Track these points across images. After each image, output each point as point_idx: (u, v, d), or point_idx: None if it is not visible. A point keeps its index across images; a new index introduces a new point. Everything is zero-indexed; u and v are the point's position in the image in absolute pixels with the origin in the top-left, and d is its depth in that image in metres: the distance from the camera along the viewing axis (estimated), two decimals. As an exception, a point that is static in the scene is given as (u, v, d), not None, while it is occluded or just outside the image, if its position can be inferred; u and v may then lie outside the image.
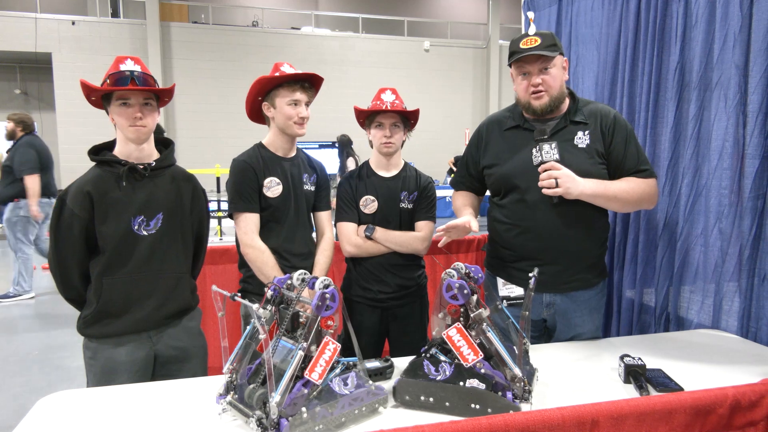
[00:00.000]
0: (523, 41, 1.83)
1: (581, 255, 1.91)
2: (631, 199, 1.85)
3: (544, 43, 1.80)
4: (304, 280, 1.43)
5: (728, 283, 1.94)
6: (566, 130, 1.89)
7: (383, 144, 2.19)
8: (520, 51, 1.83)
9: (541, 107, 1.86)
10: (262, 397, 1.24)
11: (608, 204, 1.86)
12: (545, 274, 1.86)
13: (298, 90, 2.06)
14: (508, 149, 1.95)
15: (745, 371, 1.59)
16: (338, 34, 14.74)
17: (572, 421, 1.14)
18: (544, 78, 1.83)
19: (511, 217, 1.93)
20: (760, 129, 1.80)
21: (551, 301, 1.95)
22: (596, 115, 1.90)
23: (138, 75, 1.71)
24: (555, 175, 1.77)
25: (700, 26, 2.02)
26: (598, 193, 1.81)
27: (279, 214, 2.12)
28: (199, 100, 13.24)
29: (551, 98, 1.85)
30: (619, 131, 1.87)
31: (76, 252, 1.75)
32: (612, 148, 1.87)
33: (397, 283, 2.23)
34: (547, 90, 1.84)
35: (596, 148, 1.87)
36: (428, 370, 1.41)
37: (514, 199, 1.92)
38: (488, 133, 2.03)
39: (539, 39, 1.81)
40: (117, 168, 1.75)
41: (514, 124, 1.96)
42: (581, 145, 1.87)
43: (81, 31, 12.58)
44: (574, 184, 1.77)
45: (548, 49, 1.80)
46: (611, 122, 1.88)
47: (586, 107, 1.93)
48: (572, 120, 1.89)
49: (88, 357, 1.79)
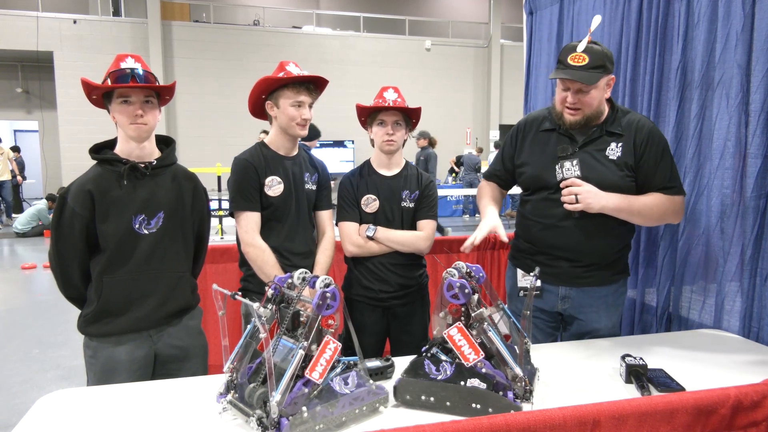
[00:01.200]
0: (572, 56, 1.79)
1: (599, 254, 1.93)
2: (653, 216, 1.87)
3: (591, 63, 1.76)
4: (305, 279, 1.43)
5: (730, 283, 1.93)
6: (600, 140, 1.89)
7: (385, 142, 2.19)
8: (565, 66, 1.80)
9: (571, 124, 1.88)
10: (262, 396, 1.24)
11: (631, 218, 1.88)
12: (561, 267, 1.93)
13: (302, 92, 2.05)
14: (540, 152, 1.98)
15: (747, 371, 1.59)
16: (339, 33, 14.73)
17: (574, 421, 1.14)
18: (581, 99, 1.82)
19: (536, 213, 1.98)
20: (762, 128, 1.80)
21: (567, 294, 1.97)
22: (632, 126, 1.89)
23: (138, 73, 1.71)
24: (575, 191, 1.82)
25: (702, 25, 2.01)
26: (622, 208, 1.83)
27: (280, 212, 2.12)
28: (201, 98, 13.25)
29: (584, 117, 1.86)
30: (652, 146, 1.86)
31: (77, 250, 1.75)
32: (643, 163, 1.86)
33: (398, 282, 2.23)
34: (582, 109, 1.84)
35: (626, 161, 1.87)
36: (429, 369, 1.41)
37: (541, 197, 1.97)
38: (525, 132, 2.06)
39: (587, 58, 1.77)
40: (118, 167, 1.75)
41: (550, 127, 1.98)
42: (612, 157, 1.88)
43: (82, 29, 12.59)
44: (596, 199, 1.80)
45: (593, 71, 1.77)
46: (645, 136, 1.86)
47: (624, 117, 1.91)
48: (608, 130, 1.89)
49: (89, 356, 1.79)
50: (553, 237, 1.93)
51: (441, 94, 14.93)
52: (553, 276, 1.95)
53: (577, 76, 1.77)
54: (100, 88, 1.71)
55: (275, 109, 2.09)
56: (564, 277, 1.94)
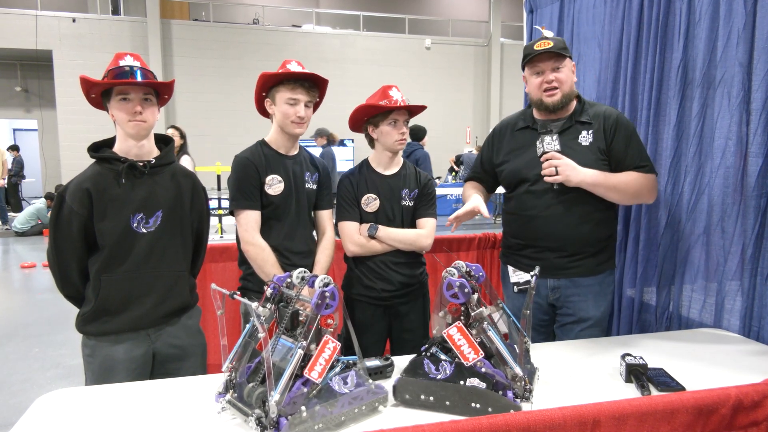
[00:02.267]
0: (537, 43, 1.97)
1: (582, 242, 2.00)
2: (629, 190, 1.96)
3: (557, 45, 1.95)
4: (304, 278, 1.42)
5: (730, 282, 1.93)
6: (572, 129, 2.02)
7: (398, 141, 2.19)
8: (533, 52, 1.97)
9: (553, 103, 1.99)
10: (261, 395, 1.24)
11: (607, 194, 1.96)
12: (548, 259, 2.02)
13: (298, 89, 2.04)
14: (518, 147, 2.10)
15: (748, 371, 1.58)
16: (339, 32, 14.72)
17: (573, 420, 1.14)
18: (557, 76, 1.97)
19: (519, 207, 2.08)
20: (763, 127, 1.79)
21: (555, 285, 2.04)
22: (600, 115, 2.02)
23: (137, 70, 1.71)
24: (555, 164, 1.91)
25: (703, 23, 2.00)
26: (598, 182, 1.93)
27: (280, 211, 2.11)
28: (200, 97, 13.24)
29: (563, 95, 1.98)
30: (620, 130, 1.99)
31: (75, 249, 1.74)
32: (613, 146, 1.98)
33: (400, 280, 2.23)
34: (560, 87, 1.97)
35: (598, 145, 1.99)
36: (428, 368, 1.41)
37: (521, 191, 2.06)
38: (501, 135, 2.20)
39: (551, 42, 1.96)
40: (116, 165, 1.74)
41: (524, 125, 2.12)
42: (584, 143, 2.00)
43: (82, 28, 12.57)
44: (574, 172, 1.91)
45: (561, 50, 1.95)
46: (613, 122, 2.00)
47: (591, 109, 2.05)
48: (578, 120, 2.03)
49: (87, 354, 1.78)
50: (537, 227, 2.02)
51: (441, 92, 14.92)
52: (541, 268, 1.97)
53: (551, 49, 1.94)
54: (99, 85, 1.71)
55: (273, 106, 2.09)
56: (551, 269, 2.01)
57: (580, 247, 2.00)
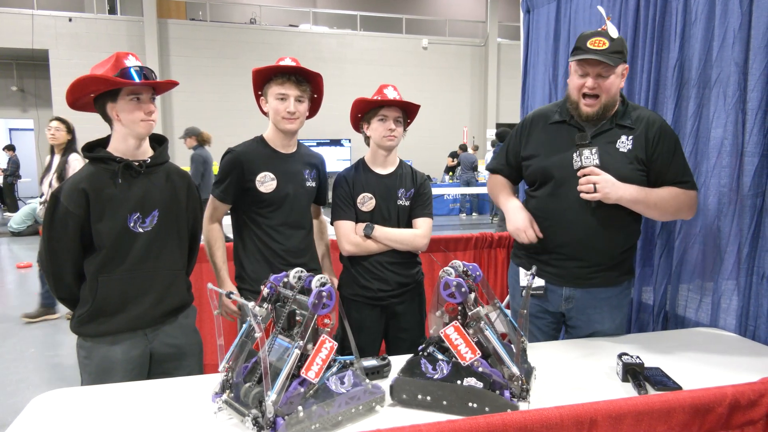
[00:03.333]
0: (591, 40, 1.78)
1: (606, 254, 1.89)
2: (670, 209, 1.84)
3: (612, 48, 1.76)
4: (301, 278, 1.42)
5: (727, 282, 1.93)
6: (611, 132, 1.87)
7: (386, 137, 2.18)
8: (585, 50, 1.78)
9: (588, 115, 1.85)
10: (258, 395, 1.23)
11: (647, 211, 1.85)
12: (566, 267, 1.90)
13: (287, 83, 2.04)
14: (550, 143, 1.94)
15: (744, 370, 1.59)
16: (336, 32, 14.70)
17: (571, 420, 1.14)
18: (599, 83, 1.80)
19: (542, 209, 1.94)
20: (759, 127, 1.80)
21: (570, 295, 1.93)
22: (643, 121, 1.87)
23: (146, 70, 1.72)
24: (594, 180, 1.78)
25: (699, 23, 2.01)
26: (639, 199, 1.80)
27: (274, 209, 2.11)
28: (196, 97, 13.20)
29: (602, 105, 1.83)
30: (664, 141, 1.84)
31: (71, 250, 1.73)
32: (656, 158, 1.84)
33: (396, 280, 2.22)
34: (601, 96, 1.81)
35: (637, 154, 1.84)
36: (425, 368, 1.40)
37: (547, 192, 1.92)
38: (532, 125, 2.02)
39: (607, 42, 1.77)
40: (112, 165, 1.73)
41: (560, 119, 1.95)
42: (622, 149, 1.85)
43: (78, 27, 12.52)
44: (614, 189, 1.77)
45: (613, 56, 1.76)
46: (657, 131, 1.85)
47: (634, 112, 1.90)
48: (618, 123, 1.88)
49: (83, 357, 1.77)
50: (559, 234, 1.90)
51: (438, 92, 14.92)
52: (558, 276, 1.92)
53: (599, 57, 1.75)
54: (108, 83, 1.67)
55: (266, 103, 2.10)
56: (570, 278, 1.91)
57: (602, 257, 1.89)
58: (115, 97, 1.71)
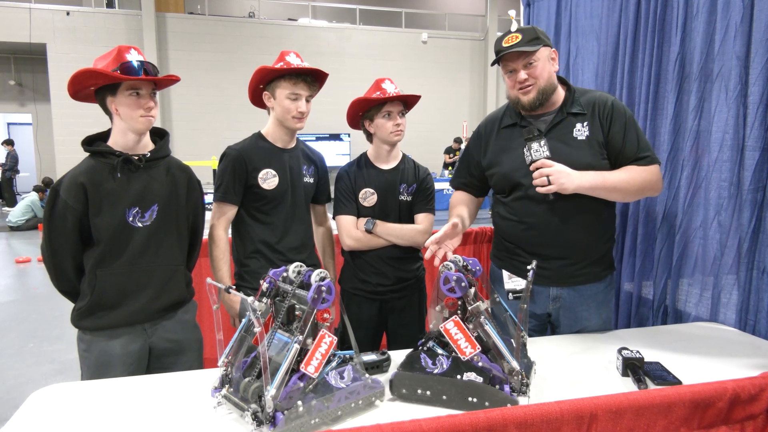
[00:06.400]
0: (505, 39, 1.81)
1: (587, 248, 1.87)
2: (632, 189, 1.80)
3: (525, 38, 1.78)
4: (300, 272, 1.42)
5: (727, 276, 1.93)
6: (564, 123, 1.84)
7: (394, 132, 2.17)
8: (502, 49, 1.80)
9: (529, 102, 1.82)
10: (257, 390, 1.23)
11: (609, 195, 1.81)
12: (551, 268, 1.87)
13: (300, 83, 2.03)
14: (505, 148, 1.92)
15: (744, 364, 1.59)
16: (335, 26, 14.65)
17: (570, 415, 1.13)
18: (529, 72, 1.79)
19: (517, 213, 1.90)
20: (760, 121, 1.79)
21: (557, 294, 1.91)
22: (593, 103, 1.85)
23: (148, 65, 1.70)
24: (546, 173, 1.73)
25: (701, 17, 2.00)
26: (597, 185, 1.75)
27: (274, 205, 2.10)
28: (195, 91, 13.17)
29: (539, 91, 1.81)
30: (616, 118, 1.82)
31: (70, 244, 1.73)
32: (610, 137, 1.82)
33: (396, 275, 2.22)
34: (534, 84, 1.80)
35: (597, 138, 1.82)
36: (425, 363, 1.40)
37: (518, 195, 1.88)
38: (487, 133, 2.00)
39: (520, 35, 1.79)
40: (111, 159, 1.73)
41: (511, 122, 1.93)
42: (581, 137, 1.82)
43: (76, 21, 12.47)
44: (568, 179, 1.73)
45: (529, 44, 1.77)
46: (609, 110, 1.83)
47: (583, 97, 1.87)
48: (569, 112, 1.85)
49: (82, 349, 1.77)
50: (538, 236, 1.86)
51: (437, 87, 14.89)
52: (543, 277, 1.88)
53: (517, 47, 1.77)
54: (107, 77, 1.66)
55: (272, 100, 2.07)
56: (555, 278, 1.88)
57: (585, 254, 1.87)
58: (115, 91, 1.69)
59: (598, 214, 1.86)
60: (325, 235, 2.37)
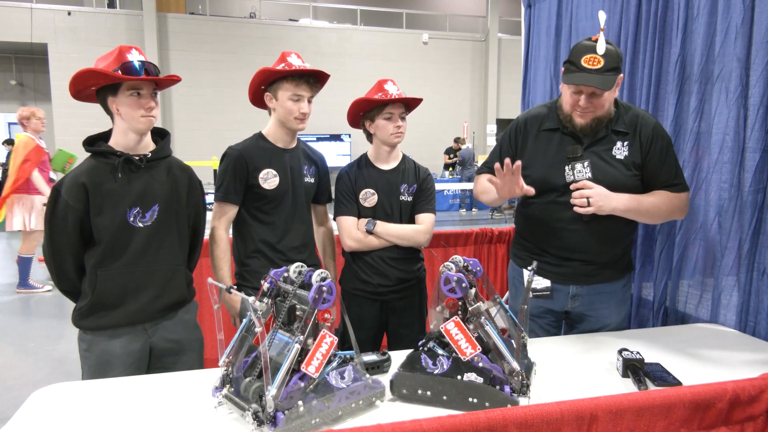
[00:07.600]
0: (586, 58, 1.70)
1: (610, 251, 1.91)
2: (662, 214, 1.85)
3: (606, 66, 1.69)
4: (301, 272, 1.42)
5: (727, 278, 1.93)
6: (606, 140, 1.85)
7: (394, 134, 2.18)
8: (579, 68, 1.71)
9: (581, 126, 1.82)
10: (258, 390, 1.23)
11: (639, 218, 1.86)
12: (570, 266, 1.90)
13: (302, 85, 2.03)
14: (541, 152, 1.91)
15: (744, 366, 1.59)
16: (336, 27, 14.66)
17: (571, 415, 1.14)
18: (593, 102, 1.76)
19: (543, 216, 1.92)
20: (761, 122, 1.79)
21: (577, 293, 1.94)
22: (636, 123, 1.85)
23: (149, 65, 1.70)
24: (587, 194, 1.76)
25: (701, 18, 2.00)
26: (631, 208, 1.80)
27: (275, 205, 2.10)
28: (196, 91, 13.17)
29: (595, 119, 1.80)
30: (657, 143, 1.83)
31: (71, 243, 1.73)
32: (648, 160, 1.84)
33: (397, 276, 2.22)
34: (594, 111, 1.79)
35: (633, 160, 1.84)
36: (426, 363, 1.40)
37: (548, 199, 1.89)
38: (526, 131, 1.96)
39: (602, 60, 1.69)
40: (112, 159, 1.73)
41: (553, 127, 1.91)
42: (619, 156, 1.84)
43: (77, 21, 12.48)
44: (607, 201, 1.76)
45: (609, 73, 1.70)
46: (650, 134, 1.84)
47: (627, 114, 1.87)
48: (613, 129, 1.85)
49: (83, 349, 1.77)
50: (563, 239, 1.89)
51: (438, 88, 14.89)
52: (563, 276, 1.92)
53: (593, 82, 1.70)
54: (108, 77, 1.66)
55: (274, 101, 2.07)
56: (575, 276, 1.92)
57: (607, 256, 1.91)
58: (116, 91, 1.70)
59: (623, 227, 1.88)
60: (325, 235, 2.38)
